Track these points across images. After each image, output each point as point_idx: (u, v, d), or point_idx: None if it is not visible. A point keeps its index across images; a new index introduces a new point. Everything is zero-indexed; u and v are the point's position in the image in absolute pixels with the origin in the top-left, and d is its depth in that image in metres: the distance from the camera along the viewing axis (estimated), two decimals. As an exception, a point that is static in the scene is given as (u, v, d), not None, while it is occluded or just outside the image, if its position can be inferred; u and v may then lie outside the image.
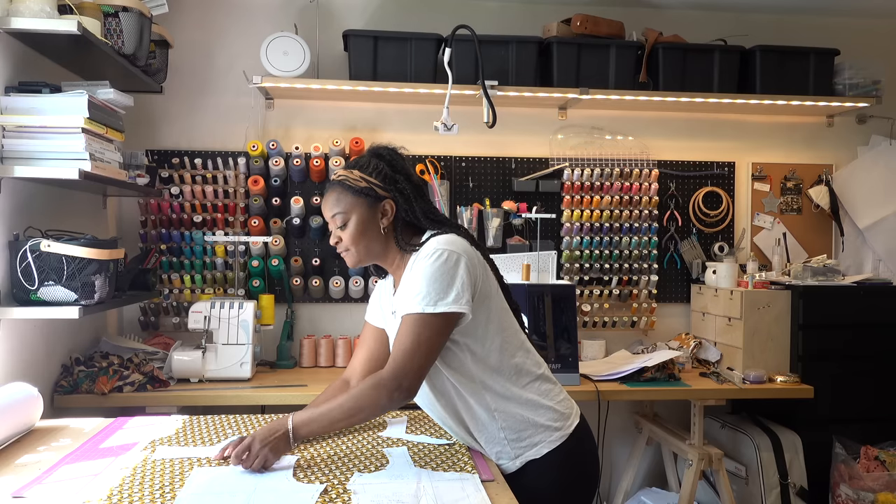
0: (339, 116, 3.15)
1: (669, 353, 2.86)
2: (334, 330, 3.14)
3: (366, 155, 1.69)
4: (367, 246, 1.64)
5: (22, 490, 1.35)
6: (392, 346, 1.63)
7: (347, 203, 1.62)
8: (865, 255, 3.44)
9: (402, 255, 1.67)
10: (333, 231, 1.66)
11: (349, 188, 1.62)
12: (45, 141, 1.96)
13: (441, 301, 1.51)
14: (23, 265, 1.96)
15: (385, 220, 1.63)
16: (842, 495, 2.86)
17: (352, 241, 1.63)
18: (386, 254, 1.67)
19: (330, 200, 1.65)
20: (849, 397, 2.94)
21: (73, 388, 2.39)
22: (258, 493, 1.34)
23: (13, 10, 1.94)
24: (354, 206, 1.62)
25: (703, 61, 3.09)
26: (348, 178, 1.63)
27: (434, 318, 1.51)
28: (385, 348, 1.79)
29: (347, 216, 1.62)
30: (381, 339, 1.82)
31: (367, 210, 1.62)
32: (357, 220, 1.62)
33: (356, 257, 1.66)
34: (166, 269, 2.96)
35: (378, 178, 1.63)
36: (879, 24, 3.45)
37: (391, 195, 1.64)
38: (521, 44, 2.96)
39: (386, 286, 1.81)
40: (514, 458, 1.62)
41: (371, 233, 1.63)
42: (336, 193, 1.64)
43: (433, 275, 1.53)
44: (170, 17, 2.72)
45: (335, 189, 1.64)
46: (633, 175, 3.26)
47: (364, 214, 1.62)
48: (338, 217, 1.63)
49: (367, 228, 1.63)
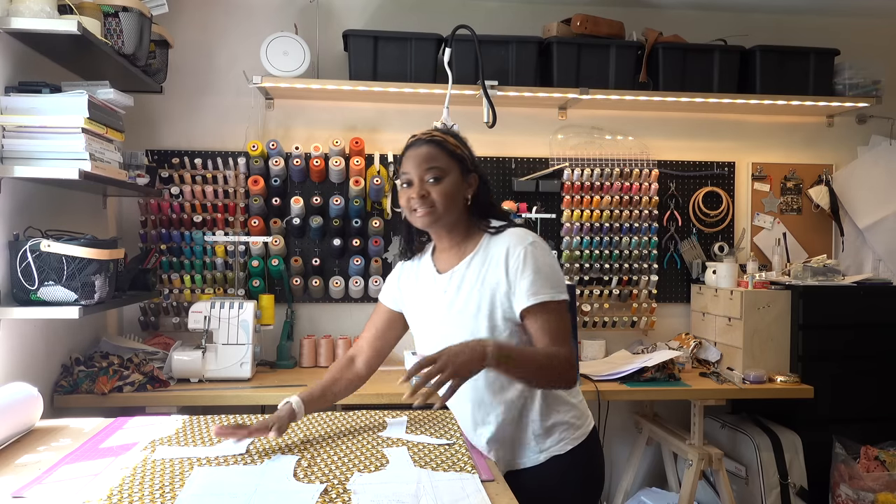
0: (339, 116, 3.15)
1: (669, 353, 2.86)
2: (334, 330, 3.14)
3: (448, 132, 1.72)
4: (453, 207, 1.65)
5: (22, 490, 1.35)
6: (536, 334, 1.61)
7: (445, 162, 1.64)
8: (865, 255, 3.44)
9: (468, 232, 1.70)
10: (419, 185, 1.64)
11: (447, 150, 1.65)
12: (45, 141, 1.96)
13: (562, 288, 1.61)
14: (23, 265, 1.96)
15: (470, 191, 1.67)
16: (842, 495, 2.86)
17: (443, 196, 1.63)
18: (456, 225, 1.69)
19: (426, 154, 1.64)
20: (849, 397, 2.94)
21: (73, 388, 2.39)
22: (258, 494, 1.34)
23: (13, 10, 1.94)
24: (451, 167, 1.64)
25: (703, 61, 3.09)
26: (448, 140, 1.66)
27: (564, 302, 1.61)
28: (395, 330, 1.85)
29: (444, 173, 1.63)
30: (392, 321, 1.86)
31: (460, 175, 1.66)
32: (451, 179, 1.64)
33: (437, 214, 1.64)
34: (166, 269, 2.96)
35: (469, 153, 1.70)
36: (879, 24, 3.45)
37: (476, 171, 1.69)
38: (521, 44, 2.97)
39: (416, 268, 1.81)
40: (539, 451, 1.67)
41: (458, 197, 1.65)
42: (434, 150, 1.64)
43: (551, 264, 1.62)
44: (170, 17, 2.72)
45: (432, 146, 1.65)
46: (633, 175, 3.26)
47: (457, 178, 1.65)
48: (434, 170, 1.63)
49: (457, 191, 1.65)
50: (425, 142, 1.66)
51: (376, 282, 3.08)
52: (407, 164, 1.67)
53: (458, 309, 1.67)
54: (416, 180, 1.64)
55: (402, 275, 1.84)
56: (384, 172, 3.09)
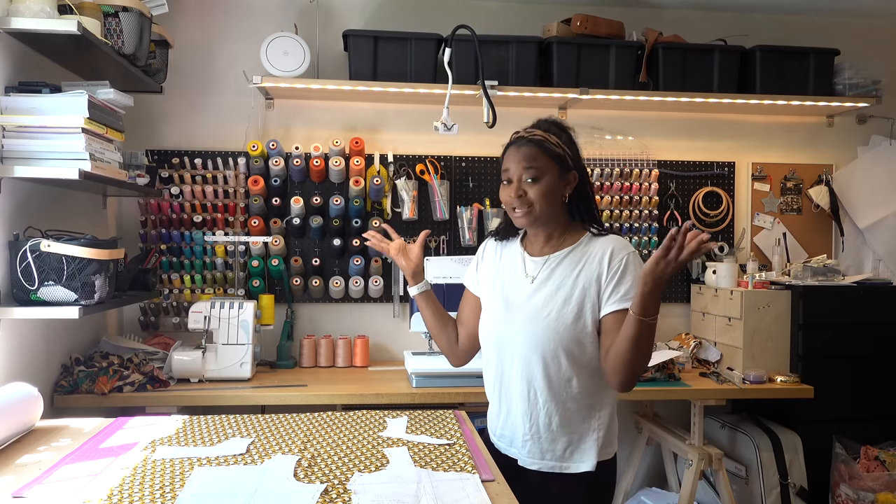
0: (339, 116, 3.15)
1: (669, 353, 2.86)
2: (334, 330, 3.14)
3: (550, 124, 1.73)
4: (550, 207, 1.67)
5: (22, 490, 1.35)
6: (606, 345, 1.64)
7: (543, 163, 1.66)
8: (865, 255, 3.44)
9: (566, 228, 1.73)
10: (517, 185, 1.67)
11: (547, 150, 1.66)
12: (45, 141, 1.96)
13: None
14: (23, 265, 1.96)
15: (569, 188, 1.69)
16: (842, 495, 2.86)
17: (541, 197, 1.66)
18: (556, 220, 1.72)
19: (526, 154, 1.66)
20: (849, 397, 2.94)
21: (73, 388, 2.39)
22: (259, 494, 1.34)
23: (13, 10, 1.94)
24: (549, 167, 1.66)
25: (703, 61, 3.09)
26: (548, 139, 1.67)
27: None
28: (475, 313, 1.86)
29: (541, 175, 1.66)
30: (473, 304, 1.88)
31: (558, 175, 1.67)
32: (549, 180, 1.66)
33: (535, 215, 1.68)
34: (166, 269, 2.96)
35: (570, 150, 1.70)
36: (879, 24, 3.45)
37: (576, 168, 1.70)
38: (521, 44, 2.96)
39: (500, 248, 1.84)
40: (594, 456, 1.69)
41: (556, 197, 1.68)
42: (533, 150, 1.66)
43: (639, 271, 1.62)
44: (170, 17, 2.72)
45: (531, 146, 1.67)
46: (633, 175, 3.26)
47: (555, 178, 1.67)
48: (532, 171, 1.66)
49: (554, 191, 1.67)
50: (526, 141, 1.68)
51: (376, 282, 3.08)
52: (507, 162, 1.70)
53: (547, 295, 1.68)
54: (514, 179, 1.68)
55: (484, 253, 1.88)
56: (384, 172, 3.09)
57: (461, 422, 1.88)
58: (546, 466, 1.70)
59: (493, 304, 1.78)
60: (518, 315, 1.71)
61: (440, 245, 3.17)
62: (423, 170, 3.13)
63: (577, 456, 1.69)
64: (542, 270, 1.72)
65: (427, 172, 3.13)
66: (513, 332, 1.71)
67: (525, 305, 1.70)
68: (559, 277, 1.69)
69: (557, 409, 1.68)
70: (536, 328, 1.67)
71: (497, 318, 1.76)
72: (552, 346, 1.65)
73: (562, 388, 1.68)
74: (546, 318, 1.66)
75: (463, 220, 3.15)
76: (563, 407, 1.68)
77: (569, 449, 1.69)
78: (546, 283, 1.70)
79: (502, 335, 1.74)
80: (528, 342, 1.68)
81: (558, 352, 1.65)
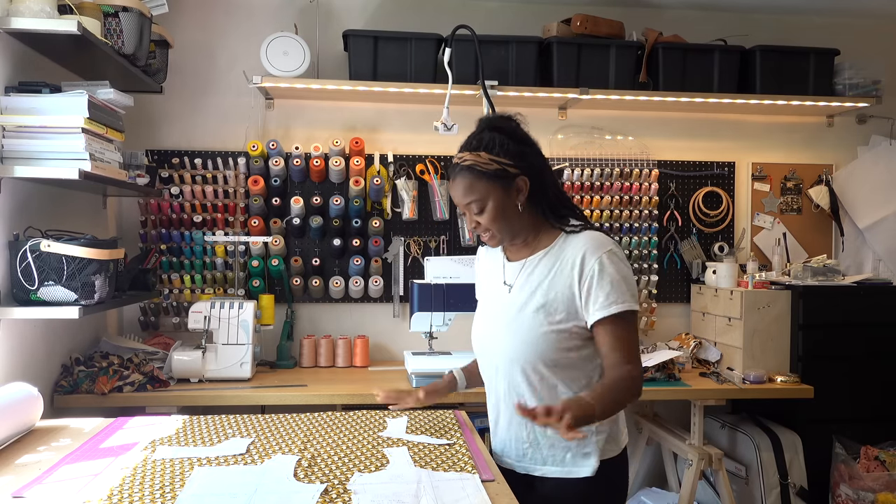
0: (339, 116, 3.15)
1: (669, 353, 2.86)
2: (334, 330, 3.14)
3: (484, 131, 1.61)
4: (507, 226, 1.61)
5: (22, 490, 1.35)
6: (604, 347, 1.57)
7: (482, 189, 1.58)
8: (865, 255, 3.44)
9: (538, 230, 1.65)
10: (469, 217, 1.63)
11: (481, 173, 1.57)
12: (45, 141, 1.96)
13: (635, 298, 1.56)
14: (23, 265, 1.96)
15: (521, 196, 1.60)
16: (842, 495, 2.86)
17: (492, 222, 1.60)
18: (523, 229, 1.64)
19: (462, 187, 1.60)
20: (849, 397, 2.94)
21: (73, 388, 2.39)
22: (259, 494, 1.34)
23: (13, 10, 1.94)
24: (489, 190, 1.58)
25: (703, 61, 3.09)
26: (477, 162, 1.57)
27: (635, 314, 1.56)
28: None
29: (483, 202, 1.59)
30: None
31: (503, 192, 1.58)
32: (494, 204, 1.58)
33: (499, 238, 1.64)
34: (166, 269, 2.96)
35: (507, 157, 1.58)
36: (879, 24, 3.45)
37: (523, 171, 1.59)
38: (521, 44, 2.96)
39: (490, 253, 1.79)
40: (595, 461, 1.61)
41: (509, 212, 1.60)
42: (468, 180, 1.58)
43: (626, 275, 1.56)
44: (170, 17, 2.72)
45: (465, 176, 1.59)
46: (633, 175, 3.26)
47: (500, 197, 1.58)
48: (474, 205, 1.59)
49: (505, 209, 1.59)
50: (459, 171, 1.60)
51: (376, 282, 3.08)
52: (453, 195, 1.64)
53: (521, 303, 1.61)
54: (464, 211, 1.64)
55: (478, 260, 1.84)
56: (384, 172, 3.09)
57: (461, 422, 1.88)
58: (550, 472, 1.64)
59: (478, 313, 1.76)
60: (496, 325, 1.67)
61: (440, 245, 3.17)
62: (423, 170, 3.14)
63: (578, 461, 1.62)
64: (518, 276, 1.65)
65: (427, 172, 3.13)
66: (493, 343, 1.67)
67: (502, 314, 1.65)
68: (534, 283, 1.61)
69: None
70: (512, 340, 1.61)
71: (479, 327, 1.73)
72: (529, 357, 1.59)
73: (549, 396, 1.60)
74: (518, 329, 1.60)
75: (463, 220, 3.15)
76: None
77: (569, 454, 1.63)
78: (522, 289, 1.63)
79: (485, 345, 1.70)
80: (507, 353, 1.63)
81: (536, 363, 1.59)
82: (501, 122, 1.63)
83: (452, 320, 2.72)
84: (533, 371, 1.60)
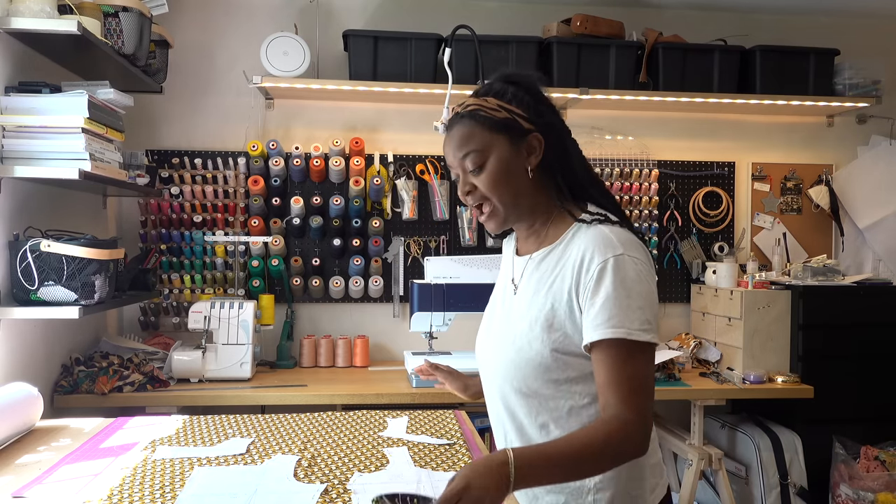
0: (339, 116, 3.15)
1: (669, 353, 2.86)
2: (334, 330, 3.14)
3: (496, 82, 1.30)
4: (511, 195, 1.25)
5: (22, 490, 1.35)
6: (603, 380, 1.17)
7: (483, 139, 1.24)
8: (865, 255, 3.44)
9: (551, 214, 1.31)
10: (463, 178, 1.28)
11: (485, 120, 1.24)
12: (45, 141, 1.96)
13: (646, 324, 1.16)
14: (23, 265, 1.96)
15: (533, 158, 1.25)
16: (842, 495, 2.86)
17: (491, 186, 1.25)
18: (530, 208, 1.29)
19: (458, 137, 1.26)
20: (849, 397, 2.94)
21: (73, 388, 2.39)
22: (259, 494, 1.34)
23: (13, 10, 1.94)
24: (493, 141, 1.24)
25: (703, 61, 3.09)
26: (483, 107, 1.25)
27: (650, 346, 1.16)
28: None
29: (484, 155, 1.24)
30: None
31: (509, 146, 1.24)
32: (497, 159, 1.24)
33: (499, 211, 1.27)
34: (166, 269, 2.96)
35: (520, 107, 1.25)
36: (879, 24, 3.45)
37: (538, 128, 1.26)
38: (521, 44, 2.97)
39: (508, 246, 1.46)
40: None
41: (515, 176, 1.25)
42: (466, 128, 1.26)
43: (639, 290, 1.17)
44: (170, 17, 2.71)
45: (465, 122, 1.26)
46: (633, 175, 3.26)
47: (505, 152, 1.24)
48: (471, 157, 1.25)
49: (510, 170, 1.24)
50: (458, 118, 1.28)
51: (376, 282, 3.08)
52: (445, 154, 1.31)
53: (521, 309, 1.29)
54: (458, 173, 1.29)
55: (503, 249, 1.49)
56: (384, 172, 3.09)
57: (461, 422, 1.88)
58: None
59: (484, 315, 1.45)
60: (491, 336, 1.36)
61: (440, 245, 3.17)
62: (423, 170, 3.14)
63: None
64: (522, 276, 1.32)
65: (427, 172, 3.13)
66: (486, 357, 1.37)
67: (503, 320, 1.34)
68: (535, 287, 1.28)
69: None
70: (500, 358, 1.30)
71: (479, 333, 1.43)
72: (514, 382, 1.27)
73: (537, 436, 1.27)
74: (514, 342, 1.27)
75: (463, 220, 3.15)
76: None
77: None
78: (524, 293, 1.30)
79: (480, 356, 1.40)
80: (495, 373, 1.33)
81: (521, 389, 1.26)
82: (517, 77, 1.30)
83: (452, 320, 2.72)
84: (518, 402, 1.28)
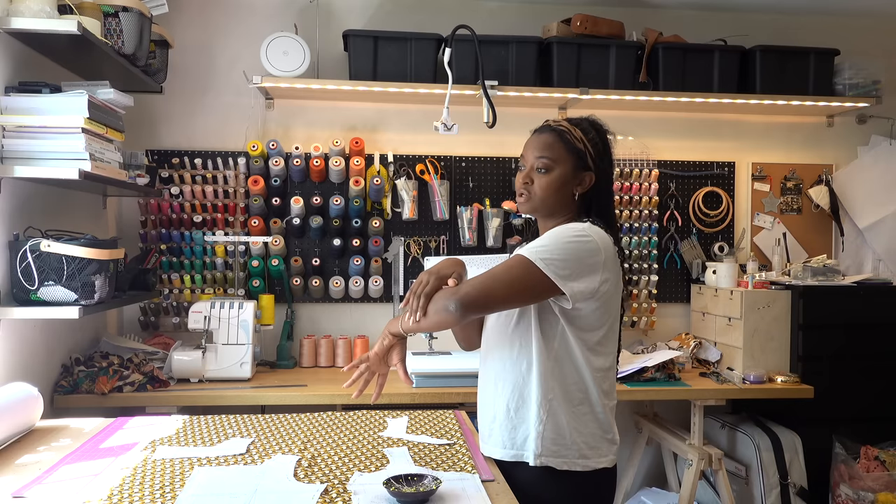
0: (339, 116, 3.15)
1: (669, 353, 2.86)
2: (334, 330, 3.14)
3: (584, 120, 1.67)
4: (553, 201, 1.61)
5: (22, 490, 1.35)
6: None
7: (560, 154, 1.60)
8: (865, 255, 3.44)
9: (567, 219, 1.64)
10: (528, 172, 1.62)
11: (567, 142, 1.60)
12: (45, 141, 1.96)
13: (559, 269, 1.48)
14: (23, 265, 1.96)
15: (580, 188, 1.61)
16: (842, 495, 2.86)
17: (545, 189, 1.60)
18: (556, 214, 1.64)
19: (543, 142, 1.62)
20: (849, 397, 2.94)
21: (73, 388, 2.39)
22: (259, 494, 1.34)
23: (13, 10, 1.94)
24: (564, 160, 1.60)
25: (703, 61, 3.09)
26: (570, 131, 1.61)
27: (538, 270, 1.48)
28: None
29: (553, 166, 1.60)
30: None
31: (572, 170, 1.60)
32: (560, 173, 1.60)
33: (534, 204, 1.63)
34: (166, 269, 2.95)
35: (593, 149, 1.62)
36: (879, 24, 3.45)
37: (595, 169, 1.62)
38: (521, 44, 2.96)
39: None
40: (536, 455, 1.54)
41: (563, 193, 1.61)
42: (552, 139, 1.61)
43: (573, 248, 1.51)
44: (170, 17, 2.72)
45: (552, 135, 1.62)
46: (633, 175, 3.26)
47: (567, 172, 1.60)
48: (544, 160, 1.60)
49: (563, 186, 1.60)
50: (549, 129, 1.63)
51: (376, 282, 3.08)
52: (525, 148, 1.65)
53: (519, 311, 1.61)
54: (527, 166, 1.63)
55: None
56: (384, 172, 3.09)
57: (461, 422, 1.88)
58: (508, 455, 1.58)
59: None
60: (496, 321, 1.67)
61: (440, 245, 3.17)
62: (423, 170, 3.14)
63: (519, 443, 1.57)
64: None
65: (427, 172, 3.13)
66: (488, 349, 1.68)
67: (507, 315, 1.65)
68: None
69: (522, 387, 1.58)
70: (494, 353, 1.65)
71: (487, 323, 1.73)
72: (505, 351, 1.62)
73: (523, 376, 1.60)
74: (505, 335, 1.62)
75: (463, 220, 3.15)
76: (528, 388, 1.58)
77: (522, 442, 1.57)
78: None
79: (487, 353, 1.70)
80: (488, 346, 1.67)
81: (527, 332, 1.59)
82: (600, 126, 1.68)
83: (452, 320, 2.72)
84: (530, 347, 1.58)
